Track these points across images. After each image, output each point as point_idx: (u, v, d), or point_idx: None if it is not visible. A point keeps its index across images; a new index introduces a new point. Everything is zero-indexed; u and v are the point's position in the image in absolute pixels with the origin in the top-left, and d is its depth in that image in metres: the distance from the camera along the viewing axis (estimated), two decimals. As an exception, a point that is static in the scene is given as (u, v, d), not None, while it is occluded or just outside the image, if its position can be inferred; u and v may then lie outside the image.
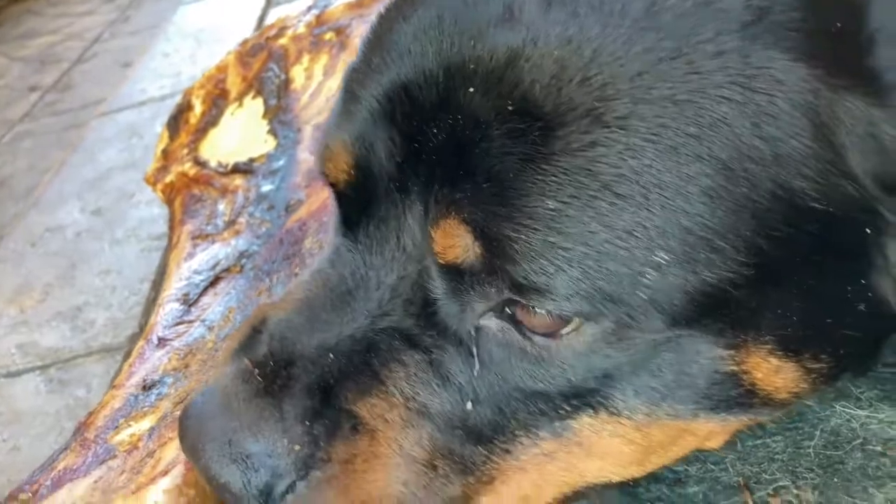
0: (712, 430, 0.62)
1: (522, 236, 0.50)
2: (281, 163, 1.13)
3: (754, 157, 0.50)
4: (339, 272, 0.60)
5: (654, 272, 0.51)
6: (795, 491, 0.70)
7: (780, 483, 0.71)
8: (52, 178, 1.75)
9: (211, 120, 1.30)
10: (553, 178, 0.50)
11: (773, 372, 0.57)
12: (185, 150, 1.27)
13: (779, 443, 0.74)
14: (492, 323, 0.56)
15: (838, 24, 0.52)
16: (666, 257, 0.50)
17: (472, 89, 0.53)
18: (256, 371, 0.57)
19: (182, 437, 0.58)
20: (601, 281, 0.50)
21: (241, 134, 1.24)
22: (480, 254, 0.52)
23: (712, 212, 0.50)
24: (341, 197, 0.62)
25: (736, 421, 0.61)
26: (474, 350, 0.56)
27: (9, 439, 1.07)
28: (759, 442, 0.74)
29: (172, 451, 0.72)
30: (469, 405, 0.57)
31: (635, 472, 0.63)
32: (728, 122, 0.50)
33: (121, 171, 1.61)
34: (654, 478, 0.73)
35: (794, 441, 0.74)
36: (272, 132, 1.20)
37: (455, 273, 0.55)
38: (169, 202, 1.25)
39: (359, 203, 0.60)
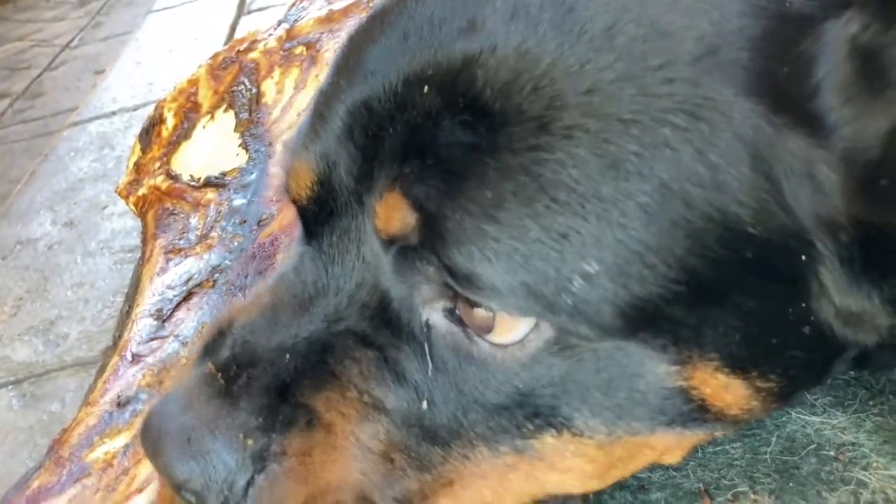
0: (669, 445, 0.64)
1: (457, 216, 0.52)
2: (252, 177, 1.14)
3: (693, 180, 0.52)
4: (301, 279, 0.62)
5: (582, 280, 0.52)
6: (753, 496, 0.72)
7: (739, 488, 0.73)
8: (23, 188, 1.74)
9: (183, 133, 1.30)
10: (494, 170, 0.52)
11: (723, 389, 0.59)
12: (158, 164, 1.28)
13: (737, 449, 0.76)
14: (441, 323, 0.58)
15: (785, 70, 0.54)
16: (596, 267, 0.52)
17: (426, 88, 0.55)
18: (219, 374, 0.59)
19: (144, 439, 0.59)
20: (528, 278, 0.52)
21: (213, 147, 1.24)
22: (418, 227, 0.54)
23: (647, 228, 0.52)
24: (305, 212, 0.65)
25: (692, 435, 0.63)
26: (426, 349, 0.58)
27: (-19, 456, 1.07)
28: (718, 449, 0.77)
29: (147, 468, 0.73)
30: (425, 405, 0.59)
31: (596, 485, 0.66)
32: (670, 145, 0.52)
33: (92, 183, 1.60)
34: (618, 485, 0.76)
35: (752, 447, 0.76)
36: (244, 146, 1.21)
37: (396, 249, 0.57)
38: (141, 215, 1.25)
39: (321, 217, 0.62)
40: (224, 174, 1.17)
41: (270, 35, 1.36)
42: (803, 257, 0.56)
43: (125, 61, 2.34)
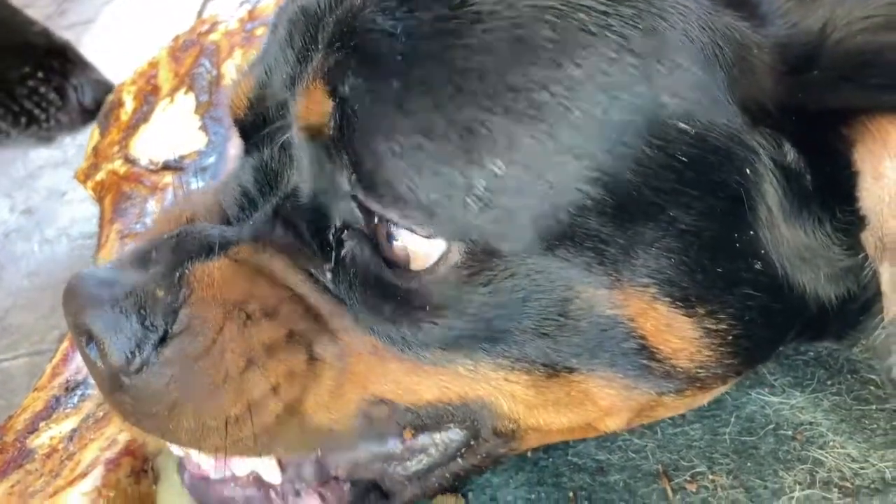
0: (614, 403, 0.61)
1: (368, 101, 0.51)
2: (211, 160, 1.12)
3: (615, 66, 0.50)
4: (243, 185, 0.63)
5: (488, 182, 0.50)
6: (711, 476, 0.72)
7: (698, 469, 0.73)
8: (-20, 176, 1.69)
9: (142, 116, 1.27)
10: (405, 56, 0.51)
11: (665, 326, 0.56)
12: (116, 148, 1.25)
13: (697, 430, 0.76)
14: (356, 248, 0.56)
15: None
16: (502, 167, 0.50)
17: None
18: (152, 251, 0.59)
19: (64, 293, 0.59)
20: (432, 181, 0.50)
21: (172, 130, 1.22)
22: (334, 116, 0.53)
23: (558, 120, 0.50)
24: (243, 125, 0.65)
25: (638, 393, 0.60)
26: (333, 259, 0.57)
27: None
28: (678, 430, 0.77)
29: (93, 452, 0.71)
30: (329, 276, 0.58)
31: (526, 415, 0.62)
32: (588, 29, 0.50)
33: (52, 169, 1.57)
34: (576, 467, 0.75)
35: (712, 428, 0.76)
36: (203, 128, 1.18)
37: (314, 147, 0.56)
38: (99, 200, 1.22)
39: (257, 127, 0.63)
40: (182, 157, 1.15)
41: (232, 16, 1.34)
42: (747, 170, 0.53)
43: (88, 47, 2.29)
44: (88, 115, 1.33)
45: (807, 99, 0.52)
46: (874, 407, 0.74)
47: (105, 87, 1.36)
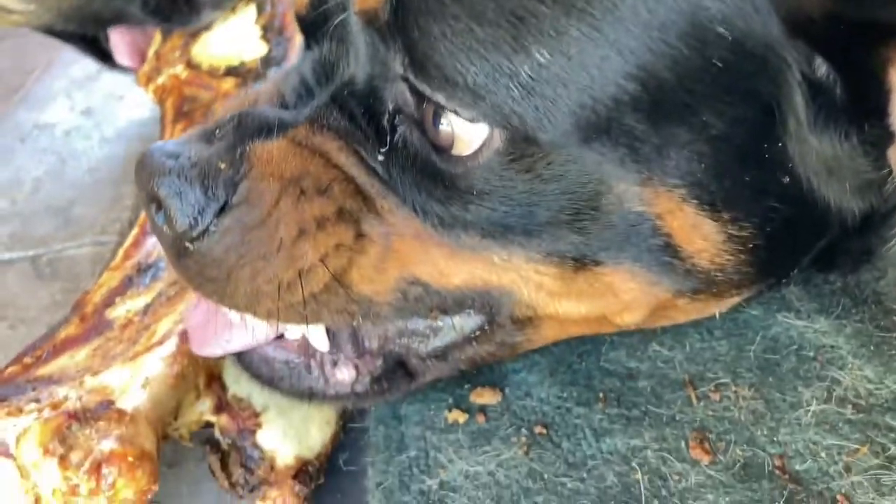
0: (634, 297, 0.65)
1: None
2: (272, 71, 1.16)
3: None
4: (302, 75, 0.68)
5: (530, 70, 0.53)
6: (734, 388, 0.77)
7: (722, 380, 0.78)
8: (41, 75, 1.75)
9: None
10: None
11: (691, 227, 0.59)
12: (178, 53, 1.29)
13: (723, 346, 0.81)
14: (408, 133, 0.61)
15: None
16: (547, 55, 0.52)
17: None
18: (217, 129, 0.65)
19: (137, 164, 0.64)
20: (479, 65, 0.53)
21: (233, 38, 1.25)
22: (389, 2, 0.56)
23: (604, 14, 0.52)
24: (305, 22, 0.70)
25: (658, 289, 0.64)
26: (387, 138, 0.62)
27: (3, 321, 1.12)
28: (706, 345, 0.81)
29: (167, 324, 0.78)
30: (381, 157, 0.62)
31: (546, 303, 0.67)
32: None
33: (110, 72, 1.61)
34: (608, 372, 0.80)
35: (738, 345, 0.81)
36: (265, 38, 1.22)
37: (369, 33, 0.59)
38: (161, 102, 1.27)
39: (318, 24, 0.67)
40: (244, 64, 1.19)
41: (295, -71, 1.35)
42: (779, 81, 0.55)
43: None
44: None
45: (854, 9, 0.52)
46: (895, 335, 0.78)
47: None
